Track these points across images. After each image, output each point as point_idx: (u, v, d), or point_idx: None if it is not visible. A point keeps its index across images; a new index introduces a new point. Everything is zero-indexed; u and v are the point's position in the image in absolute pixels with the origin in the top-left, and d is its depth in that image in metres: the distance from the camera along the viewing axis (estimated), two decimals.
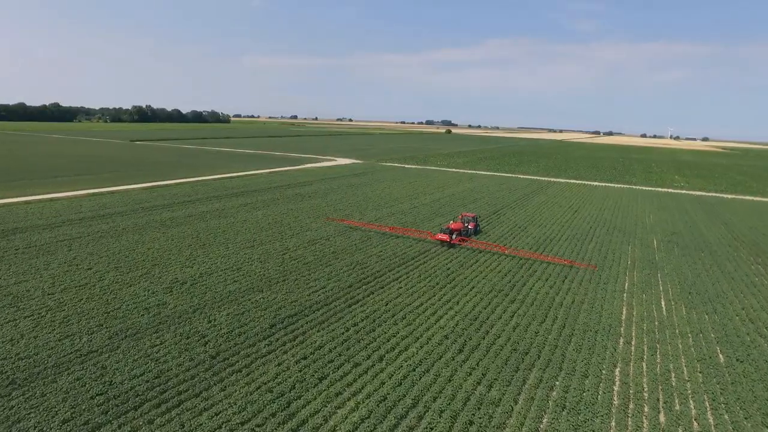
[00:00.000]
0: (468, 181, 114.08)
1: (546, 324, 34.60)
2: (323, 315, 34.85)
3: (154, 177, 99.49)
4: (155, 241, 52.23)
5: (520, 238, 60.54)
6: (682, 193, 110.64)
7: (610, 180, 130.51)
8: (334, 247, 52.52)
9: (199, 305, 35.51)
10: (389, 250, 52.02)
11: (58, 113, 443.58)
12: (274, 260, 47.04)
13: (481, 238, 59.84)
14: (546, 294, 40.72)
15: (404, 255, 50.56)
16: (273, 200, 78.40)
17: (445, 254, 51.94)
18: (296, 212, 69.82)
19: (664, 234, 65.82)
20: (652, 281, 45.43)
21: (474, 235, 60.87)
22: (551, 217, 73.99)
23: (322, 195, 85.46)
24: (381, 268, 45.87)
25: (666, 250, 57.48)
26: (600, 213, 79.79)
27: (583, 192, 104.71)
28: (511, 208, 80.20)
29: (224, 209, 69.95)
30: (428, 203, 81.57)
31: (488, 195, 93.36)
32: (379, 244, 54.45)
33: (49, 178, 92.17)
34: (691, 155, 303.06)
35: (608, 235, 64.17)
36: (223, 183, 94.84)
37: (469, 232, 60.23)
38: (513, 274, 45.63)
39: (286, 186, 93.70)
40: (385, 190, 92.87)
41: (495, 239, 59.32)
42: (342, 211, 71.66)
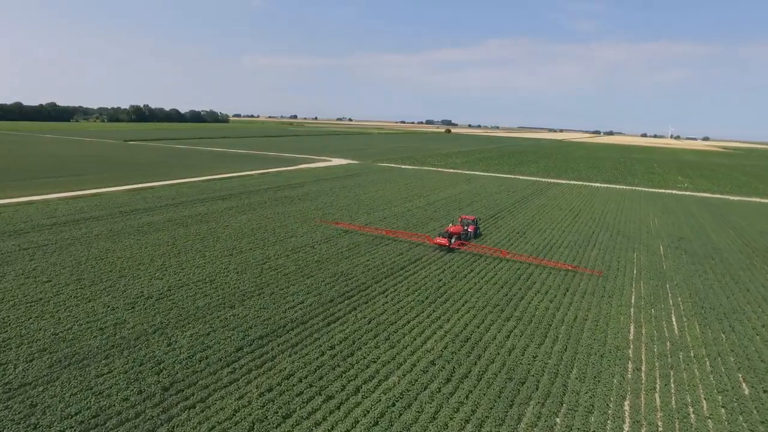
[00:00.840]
0: (466, 182, 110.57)
1: (545, 346, 31.09)
2: (297, 336, 31.35)
3: (142, 178, 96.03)
4: (128, 249, 48.74)
5: (518, 245, 57.03)
6: (686, 195, 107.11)
7: (611, 181, 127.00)
8: (319, 255, 49.03)
9: (161, 324, 32.01)
10: (378, 259, 48.52)
11: (54, 113, 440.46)
12: (251, 271, 43.56)
13: (481, 242, 56.53)
14: (546, 309, 37.20)
15: (393, 264, 47.06)
16: (260, 203, 74.90)
17: (438, 262, 48.45)
18: (283, 216, 66.33)
19: (670, 239, 62.31)
20: (661, 293, 41.91)
21: (474, 239, 58.38)
22: (551, 221, 70.48)
23: (313, 197, 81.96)
24: (367, 280, 42.38)
25: (673, 257, 53.97)
26: (602, 216, 76.27)
27: (585, 194, 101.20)
28: (510, 212, 76.67)
29: (207, 213, 66.47)
30: (423, 206, 78.06)
31: (486, 197, 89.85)
32: (367, 252, 50.94)
33: (28, 180, 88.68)
34: (692, 155, 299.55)
35: (612, 240, 60.67)
36: (211, 185, 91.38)
37: (468, 235, 58.07)
38: (510, 286, 42.13)
39: (276, 188, 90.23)
40: (379, 193, 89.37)
41: (493, 245, 55.75)
42: (332, 215, 68.17)
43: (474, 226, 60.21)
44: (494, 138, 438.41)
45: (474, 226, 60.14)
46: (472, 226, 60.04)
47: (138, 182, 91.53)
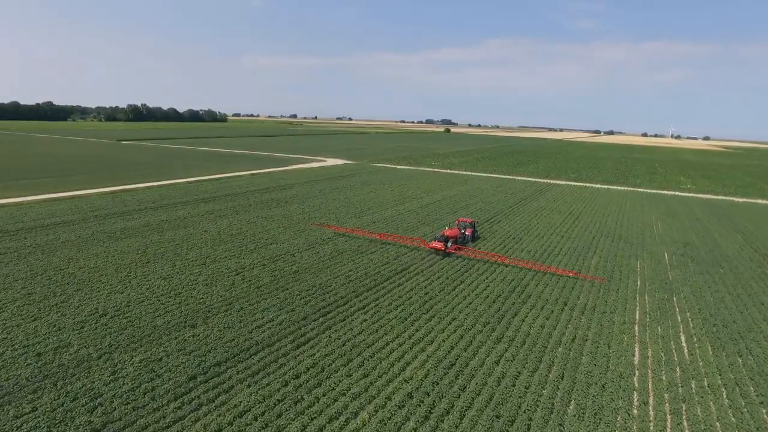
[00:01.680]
0: (462, 183, 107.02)
1: (539, 373, 27.58)
2: (261, 361, 27.84)
3: (126, 180, 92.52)
4: (93, 257, 45.25)
5: (514, 251, 53.52)
6: (689, 197, 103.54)
7: (612, 182, 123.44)
8: (299, 264, 45.53)
9: (109, 347, 28.53)
10: (362, 269, 45.01)
11: (51, 112, 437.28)
12: (222, 282, 40.08)
13: (477, 246, 53.27)
14: (541, 328, 33.69)
15: (378, 275, 43.54)
16: (244, 207, 71.38)
17: (426, 272, 44.93)
18: (266, 221, 62.83)
19: (675, 245, 58.78)
20: (668, 308, 38.38)
21: (471, 242, 56.39)
22: (550, 226, 66.94)
23: (300, 200, 78.45)
24: (347, 293, 38.86)
25: (679, 265, 50.45)
26: (603, 220, 72.74)
27: (584, 195, 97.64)
28: (506, 215, 73.13)
29: (187, 218, 62.97)
30: (415, 209, 74.53)
31: (482, 200, 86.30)
32: (351, 260, 47.44)
33: (6, 181, 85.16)
34: (694, 155, 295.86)
35: (613, 246, 57.14)
36: (197, 187, 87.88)
37: (466, 239, 56.11)
38: (503, 300, 38.61)
39: (263, 190, 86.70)
40: (371, 195, 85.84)
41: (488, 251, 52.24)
42: (318, 220, 64.67)
43: (471, 229, 57.97)
44: (493, 138, 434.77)
45: (471, 229, 57.89)
46: (470, 229, 57.80)
47: (122, 184, 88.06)
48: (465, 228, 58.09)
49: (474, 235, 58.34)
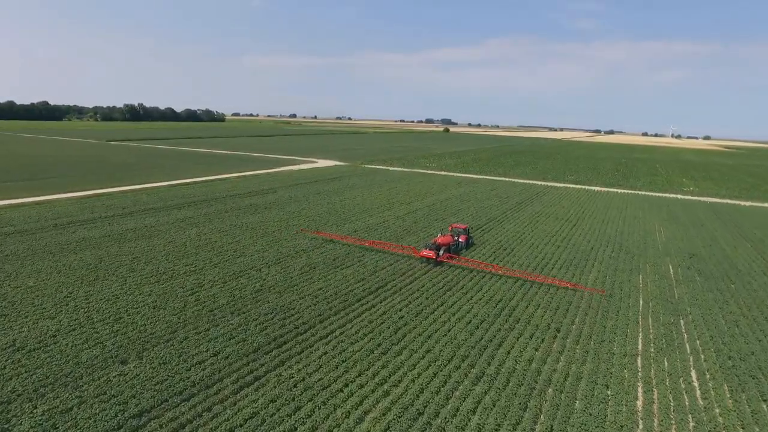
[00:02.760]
0: (454, 187, 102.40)
1: (524, 426, 23.01)
2: (191, 411, 23.31)
3: (103, 183, 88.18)
4: (34, 274, 40.72)
5: (505, 264, 48.88)
6: (692, 200, 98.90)
7: (612, 184, 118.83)
8: (263, 281, 40.99)
9: (9, 396, 23.99)
10: (333, 287, 40.47)
11: (46, 112, 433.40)
12: (173, 304, 35.54)
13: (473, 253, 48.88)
14: (528, 363, 29.12)
15: (350, 293, 38.99)
16: (219, 213, 66.82)
17: (403, 291, 40.36)
18: (239, 229, 58.31)
19: (680, 256, 54.21)
20: (675, 335, 33.79)
21: (465, 249, 53.87)
22: (545, 234, 62.35)
23: (282, 205, 73.90)
24: (311, 317, 34.31)
25: (686, 280, 45.87)
26: (602, 227, 68.15)
27: (583, 199, 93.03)
28: (499, 222, 68.54)
29: (155, 226, 58.44)
30: (402, 216, 69.93)
31: (474, 205, 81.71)
32: (323, 277, 42.88)
33: None
34: (695, 155, 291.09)
35: (613, 258, 52.59)
36: (175, 191, 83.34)
37: (459, 246, 53.72)
38: (487, 326, 34.02)
39: (244, 194, 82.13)
40: (357, 200, 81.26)
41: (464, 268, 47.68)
42: (295, 228, 60.13)
43: (466, 235, 55.22)
44: (492, 137, 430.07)
45: (466, 236, 55.13)
46: (464, 236, 54.97)
47: (96, 187, 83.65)
48: (458, 235, 55.01)
49: (468, 242, 55.48)
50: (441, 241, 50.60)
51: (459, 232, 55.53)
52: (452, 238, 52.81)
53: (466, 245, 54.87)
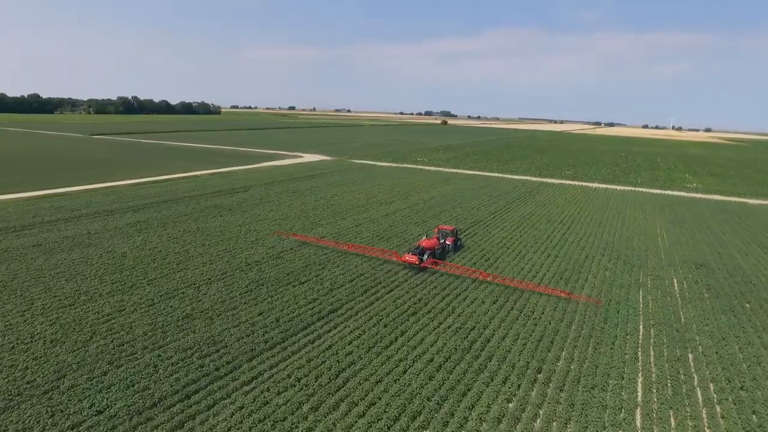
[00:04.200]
0: (443, 184, 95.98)
1: None
2: None
3: (63, 181, 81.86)
4: None
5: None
6: (697, 198, 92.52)
7: (611, 180, 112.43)
8: (198, 303, 34.85)
9: None
10: (277, 310, 34.39)
11: (37, 104, 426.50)
12: (77, 336, 29.45)
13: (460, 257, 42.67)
14: (497, 422, 22.93)
15: (295, 320, 32.87)
16: (177, 216, 60.59)
17: (362, 314, 34.22)
18: (193, 235, 52.16)
19: (686, 267, 48.01)
20: (682, 376, 27.61)
21: (453, 252, 49.88)
22: (534, 240, 56.14)
23: (249, 207, 67.64)
24: (238, 354, 28.16)
25: (693, 298, 39.67)
26: (599, 230, 61.91)
27: (580, 198, 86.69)
28: (485, 225, 62.29)
29: (98, 233, 52.27)
30: (378, 218, 63.67)
31: (461, 204, 75.41)
32: (269, 296, 36.76)
33: None
34: (697, 148, 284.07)
35: (610, 269, 46.40)
36: (137, 190, 77.01)
37: (447, 249, 49.70)
38: (452, 366, 27.87)
39: (211, 194, 75.83)
40: (334, 200, 74.95)
41: (450, 274, 41.47)
42: (257, 232, 53.97)
43: (453, 237, 51.22)
44: (491, 130, 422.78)
45: (453, 238, 51.10)
46: (451, 238, 50.95)
47: (53, 187, 77.38)
48: (445, 236, 50.42)
49: (457, 245, 51.45)
50: (426, 245, 46.19)
51: (446, 234, 51.00)
52: (438, 242, 48.47)
53: (454, 248, 50.57)
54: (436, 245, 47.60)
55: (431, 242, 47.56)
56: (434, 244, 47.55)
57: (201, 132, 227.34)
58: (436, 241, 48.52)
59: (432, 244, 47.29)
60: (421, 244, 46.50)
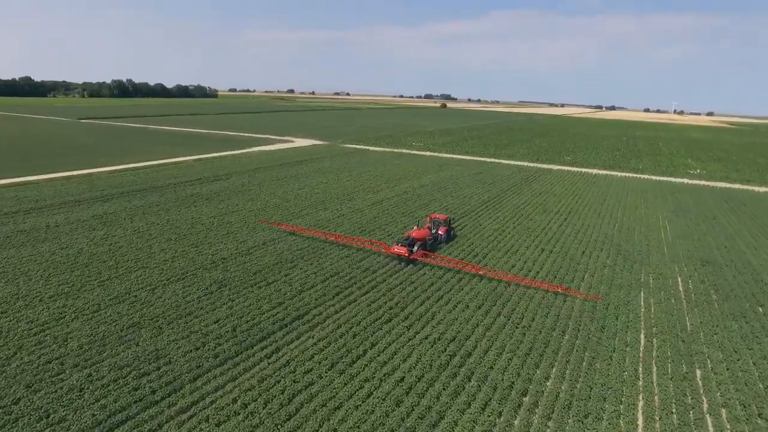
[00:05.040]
0: (435, 170, 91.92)
1: None
2: None
3: (36, 168, 77.88)
4: None
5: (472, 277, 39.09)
6: (701, 186, 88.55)
7: (612, 166, 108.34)
8: (149, 308, 31.25)
9: None
10: (239, 314, 30.83)
11: (29, 88, 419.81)
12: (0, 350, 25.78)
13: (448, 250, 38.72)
14: None
15: (255, 328, 29.31)
16: (148, 207, 56.84)
17: (333, 320, 30.65)
18: (160, 228, 48.52)
19: (691, 263, 44.35)
20: (691, 403, 24.01)
21: (446, 243, 47.31)
22: (528, 232, 52.41)
23: (227, 196, 63.80)
24: (182, 372, 24.61)
25: (700, 301, 36.04)
26: (598, 221, 58.17)
27: (579, 185, 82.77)
28: (475, 216, 58.52)
29: (58, 226, 48.57)
30: (362, 209, 59.85)
31: (452, 193, 71.54)
32: (232, 299, 33.17)
33: None
34: (699, 132, 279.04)
35: (609, 266, 42.75)
36: (116, 178, 73.07)
37: (439, 239, 47.15)
38: (425, 387, 24.30)
39: (191, 181, 71.89)
40: (318, 188, 71.06)
41: (439, 271, 37.81)
42: (230, 225, 50.27)
43: (446, 227, 48.65)
44: (490, 113, 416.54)
45: (446, 228, 48.57)
46: (444, 227, 48.35)
47: (24, 174, 73.33)
48: (438, 227, 47.62)
49: (450, 235, 48.82)
50: (416, 236, 43.45)
51: (438, 224, 48.20)
52: (429, 232, 45.66)
53: (447, 238, 47.93)
54: (428, 236, 44.88)
55: (422, 232, 44.80)
56: (425, 234, 44.76)
57: (194, 116, 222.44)
58: (427, 231, 45.79)
59: (423, 234, 44.50)
60: (411, 235, 43.84)
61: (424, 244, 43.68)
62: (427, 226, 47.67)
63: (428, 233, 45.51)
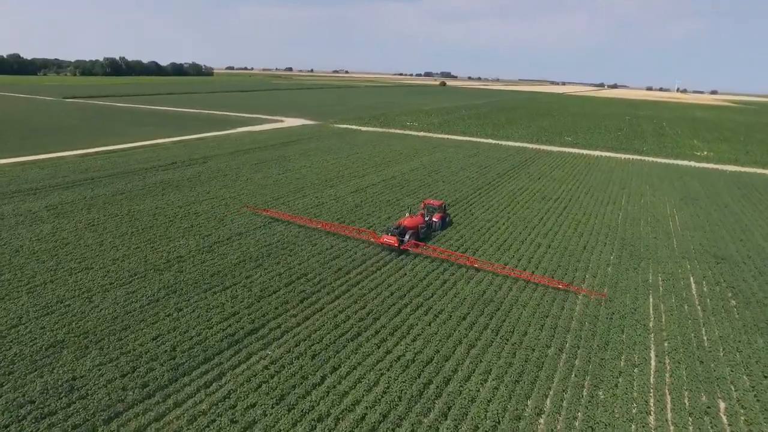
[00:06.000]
0: (428, 152, 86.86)
1: None
2: None
3: (4, 153, 72.84)
4: None
5: (455, 278, 34.60)
6: (709, 169, 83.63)
7: (615, 147, 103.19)
8: (79, 321, 26.88)
9: None
10: (184, 328, 26.35)
11: (18, 66, 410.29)
12: None
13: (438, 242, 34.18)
14: None
15: (196, 348, 24.90)
16: (110, 196, 52.25)
17: (292, 335, 26.19)
18: (117, 221, 44.01)
19: (704, 260, 39.86)
20: None
21: (440, 230, 44.15)
22: (524, 224, 47.81)
23: (200, 182, 59.10)
24: (100, 407, 20.28)
25: (717, 308, 31.63)
26: (601, 210, 53.56)
27: (580, 169, 77.88)
28: (467, 205, 53.86)
29: (3, 218, 44.09)
30: (345, 196, 55.16)
31: (443, 178, 66.73)
32: (180, 308, 28.69)
33: None
34: (703, 111, 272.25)
35: (613, 264, 38.27)
36: (80, 163, 68.13)
37: (434, 226, 43.93)
38: (391, 427, 19.91)
39: (164, 166, 66.98)
40: (300, 172, 66.20)
41: (422, 270, 33.31)
42: (196, 216, 45.69)
43: (441, 213, 45.14)
44: (490, 91, 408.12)
45: (441, 214, 45.09)
46: (438, 214, 45.00)
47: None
48: (432, 212, 45.08)
49: (445, 221, 45.60)
50: (408, 224, 39.93)
51: (433, 210, 44.62)
52: (423, 219, 42.14)
53: (442, 225, 44.73)
54: (421, 223, 41.52)
55: (414, 220, 41.23)
56: (418, 222, 41.34)
57: (186, 95, 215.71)
58: (420, 218, 42.26)
59: (415, 222, 40.98)
60: (403, 223, 40.24)
61: (417, 232, 40.41)
62: (420, 213, 44.20)
63: (421, 221, 42.15)
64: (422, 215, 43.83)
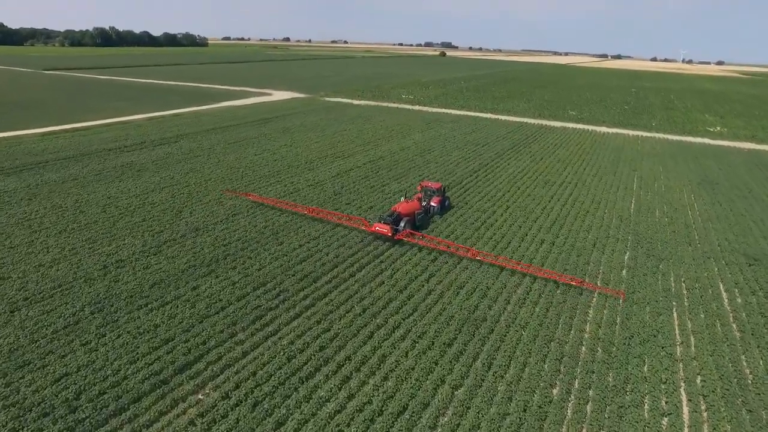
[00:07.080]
0: (422, 129, 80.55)
1: None
2: None
3: None
4: None
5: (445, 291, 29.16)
6: (726, 147, 77.51)
7: (622, 123, 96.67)
8: None
9: None
10: (101, 359, 21.03)
11: (1, 35, 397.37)
12: None
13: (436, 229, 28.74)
14: None
15: (119, 390, 19.64)
16: (60, 183, 46.58)
17: (248, 362, 20.86)
18: (59, 214, 38.45)
19: (732, 258, 34.46)
20: None
21: (440, 216, 40.43)
22: (524, 216, 42.18)
23: (166, 165, 53.28)
24: None
25: (756, 326, 26.39)
26: (611, 197, 47.90)
27: (586, 147, 71.81)
28: (462, 190, 48.16)
29: None
30: (325, 180, 49.39)
31: (435, 159, 60.77)
32: (105, 333, 23.31)
33: None
34: (712, 83, 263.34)
35: (629, 267, 32.81)
36: (40, 143, 61.95)
37: (432, 211, 40.54)
38: None
39: (132, 146, 60.94)
40: (278, 153, 60.20)
41: (408, 266, 27.89)
42: (152, 207, 40.04)
43: (439, 197, 41.38)
44: (491, 62, 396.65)
45: (439, 198, 41.34)
46: (437, 197, 41.29)
47: None
48: (430, 196, 41.38)
49: (444, 205, 41.90)
50: (403, 210, 35.72)
51: (431, 193, 41.49)
52: (420, 204, 38.66)
53: (441, 209, 41.11)
54: (417, 209, 37.25)
55: (410, 206, 36.82)
56: (414, 208, 37.04)
57: (174, 66, 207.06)
58: (416, 204, 37.73)
59: (411, 208, 36.69)
60: (397, 210, 35.96)
61: (413, 220, 36.16)
62: (417, 197, 39.31)
63: (418, 206, 37.69)
64: (419, 199, 39.04)
